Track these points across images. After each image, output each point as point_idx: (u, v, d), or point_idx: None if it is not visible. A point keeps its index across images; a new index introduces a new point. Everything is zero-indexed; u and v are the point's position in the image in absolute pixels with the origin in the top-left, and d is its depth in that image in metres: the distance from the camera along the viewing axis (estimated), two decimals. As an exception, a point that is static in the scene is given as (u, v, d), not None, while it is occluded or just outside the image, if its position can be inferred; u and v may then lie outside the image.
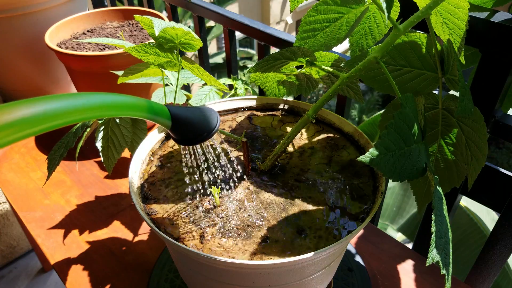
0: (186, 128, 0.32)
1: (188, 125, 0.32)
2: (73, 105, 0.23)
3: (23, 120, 0.21)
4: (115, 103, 0.26)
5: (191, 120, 0.32)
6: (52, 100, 0.22)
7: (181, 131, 0.32)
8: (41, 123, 0.22)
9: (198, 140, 0.33)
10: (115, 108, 0.26)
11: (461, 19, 0.37)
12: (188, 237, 0.37)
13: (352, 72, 0.38)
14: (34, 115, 0.21)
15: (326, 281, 0.43)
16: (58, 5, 0.82)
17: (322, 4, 0.42)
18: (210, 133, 0.33)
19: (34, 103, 0.21)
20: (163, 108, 0.30)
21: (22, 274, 1.47)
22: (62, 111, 0.23)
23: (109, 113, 0.26)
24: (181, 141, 0.33)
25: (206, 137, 0.33)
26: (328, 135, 0.49)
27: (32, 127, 0.21)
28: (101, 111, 0.25)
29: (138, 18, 0.45)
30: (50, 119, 0.22)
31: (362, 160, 0.30)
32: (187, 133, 0.32)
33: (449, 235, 0.33)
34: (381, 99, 5.06)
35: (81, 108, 0.24)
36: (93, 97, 0.25)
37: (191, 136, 0.33)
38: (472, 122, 0.39)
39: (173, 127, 0.32)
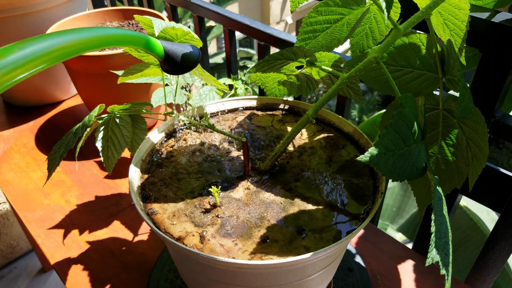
0: (174, 61, 0.38)
1: (176, 58, 0.38)
2: (78, 37, 0.26)
3: (35, 52, 0.23)
4: (117, 35, 0.30)
5: (178, 54, 0.38)
6: (60, 34, 0.25)
7: (170, 63, 0.38)
8: (54, 52, 0.24)
9: (184, 71, 0.39)
10: (117, 40, 0.30)
11: (462, 20, 0.37)
12: (188, 237, 0.37)
13: (352, 72, 0.38)
14: (46, 47, 0.24)
15: (326, 281, 0.43)
16: (58, 5, 0.82)
17: (323, 5, 0.42)
18: (195, 63, 0.39)
19: (41, 38, 0.24)
20: (158, 44, 0.36)
21: (22, 274, 1.47)
22: (71, 42, 0.26)
23: (112, 43, 0.30)
24: (171, 71, 0.39)
25: (192, 67, 0.39)
26: (328, 135, 0.49)
27: (44, 57, 0.23)
28: (105, 42, 0.29)
29: (138, 18, 0.45)
30: (58, 50, 0.24)
31: (361, 160, 0.30)
32: (175, 64, 0.38)
33: (449, 235, 0.33)
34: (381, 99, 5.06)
35: (87, 38, 0.27)
36: (98, 30, 0.28)
37: (179, 68, 0.39)
38: (472, 123, 0.39)
39: (165, 59, 0.37)
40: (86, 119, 0.49)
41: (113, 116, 0.50)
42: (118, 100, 0.59)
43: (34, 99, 0.94)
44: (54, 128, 0.89)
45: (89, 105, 0.80)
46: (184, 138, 0.49)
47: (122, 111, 0.50)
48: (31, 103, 0.95)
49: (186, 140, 0.49)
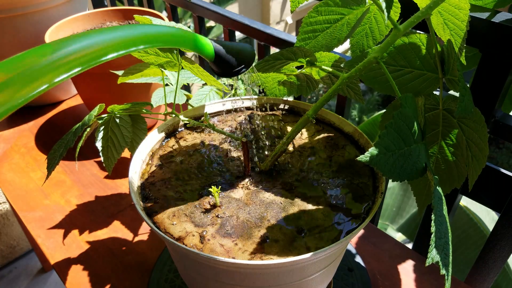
0: (226, 62, 0.35)
1: (228, 59, 0.35)
2: (128, 35, 0.24)
3: (81, 50, 0.21)
4: (164, 34, 0.28)
5: (230, 55, 0.35)
6: (111, 31, 0.23)
7: (221, 64, 0.35)
8: (101, 55, 0.22)
9: (236, 73, 0.36)
10: (164, 39, 0.28)
11: (462, 20, 0.37)
12: (188, 237, 0.37)
13: (352, 72, 0.38)
14: (94, 44, 0.22)
15: (326, 281, 0.43)
16: (58, 5, 0.82)
17: (323, 5, 0.42)
18: (247, 66, 0.36)
19: (90, 34, 0.22)
20: (208, 43, 0.33)
21: (22, 274, 1.47)
22: (114, 42, 0.23)
23: (159, 44, 0.27)
24: (220, 73, 0.36)
25: (241, 70, 0.36)
26: (328, 135, 0.49)
27: (93, 59, 0.22)
28: (151, 41, 0.26)
29: (138, 18, 0.45)
30: (100, 49, 0.23)
31: (361, 160, 0.30)
32: (226, 66, 0.35)
33: (449, 235, 0.33)
34: (381, 99, 5.06)
35: (137, 37, 0.25)
36: (149, 27, 0.26)
37: (230, 69, 0.36)
38: (472, 123, 0.39)
39: (214, 60, 0.34)
40: (86, 118, 0.49)
41: (113, 116, 0.50)
42: (118, 100, 0.59)
43: (34, 99, 0.94)
44: (54, 128, 0.89)
45: (89, 105, 0.80)
46: (184, 138, 0.49)
47: (122, 111, 0.50)
48: (31, 103, 0.95)
49: (186, 140, 0.49)
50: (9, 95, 0.18)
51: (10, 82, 0.18)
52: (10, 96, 0.18)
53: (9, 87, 0.18)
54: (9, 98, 0.18)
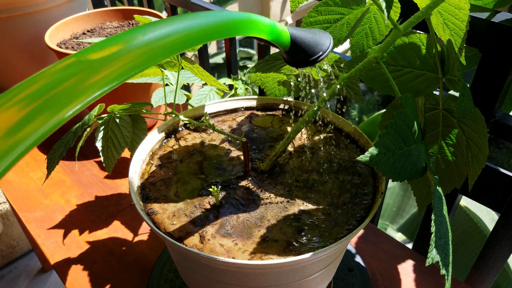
0: (302, 50, 0.32)
1: (304, 47, 0.32)
2: (195, 26, 0.22)
3: (160, 40, 0.19)
4: (240, 21, 0.25)
5: (307, 42, 0.32)
6: (172, 22, 0.21)
7: (297, 53, 0.32)
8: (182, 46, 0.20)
9: (312, 62, 0.33)
10: (239, 28, 0.25)
11: (462, 20, 0.37)
12: (188, 237, 0.37)
13: (352, 72, 0.38)
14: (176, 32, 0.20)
15: (326, 281, 0.43)
16: (58, 5, 0.82)
17: (322, 5, 0.42)
18: (324, 54, 0.33)
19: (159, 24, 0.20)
20: (285, 31, 0.30)
21: (22, 274, 1.47)
22: (184, 33, 0.21)
23: (237, 32, 0.25)
24: (295, 63, 0.33)
25: (319, 59, 0.33)
26: (328, 135, 0.49)
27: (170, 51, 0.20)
28: (229, 31, 0.24)
29: (138, 18, 0.45)
30: (169, 46, 0.21)
31: (362, 160, 0.30)
32: (301, 55, 0.32)
33: (449, 235, 0.33)
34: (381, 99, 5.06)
35: (213, 25, 0.23)
36: (221, 14, 0.24)
37: (306, 58, 0.32)
38: (472, 123, 0.39)
39: (290, 49, 0.32)
40: (86, 118, 0.49)
41: (113, 116, 0.50)
42: (118, 100, 0.59)
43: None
44: (54, 128, 0.89)
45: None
46: (184, 138, 0.49)
47: (122, 111, 0.50)
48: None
49: (186, 140, 0.49)
50: (39, 124, 0.16)
51: (38, 110, 0.17)
52: (41, 124, 0.16)
53: (39, 116, 0.16)
54: (40, 126, 0.16)
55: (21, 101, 0.16)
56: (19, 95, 0.16)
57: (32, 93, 0.17)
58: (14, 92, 0.16)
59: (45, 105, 0.17)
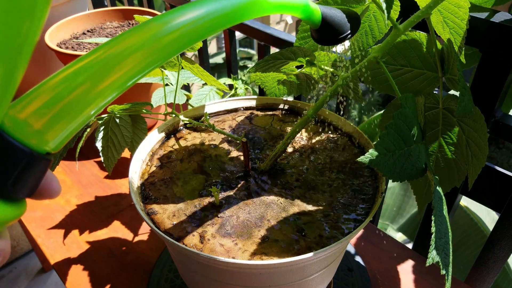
0: (333, 28, 0.32)
1: (335, 25, 0.32)
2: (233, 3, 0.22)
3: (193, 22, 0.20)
4: (275, 1, 0.26)
5: (337, 20, 0.32)
6: (200, 4, 0.21)
7: (326, 31, 0.32)
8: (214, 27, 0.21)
9: (340, 40, 0.33)
10: (275, 7, 0.26)
11: (462, 18, 0.37)
12: (188, 237, 0.37)
13: (352, 72, 0.38)
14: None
15: (326, 281, 0.43)
16: (58, 5, 0.82)
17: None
18: (352, 33, 0.33)
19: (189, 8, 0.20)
20: (317, 10, 0.31)
21: (22, 274, 1.47)
22: (219, 13, 0.22)
23: (271, 11, 0.25)
24: (324, 40, 0.34)
25: (347, 37, 0.34)
26: (328, 135, 0.49)
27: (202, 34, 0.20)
28: (264, 10, 0.25)
29: (138, 18, 0.45)
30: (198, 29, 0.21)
31: (362, 161, 0.30)
32: (332, 32, 0.33)
33: (449, 235, 0.33)
34: (381, 99, 5.06)
35: (242, 4, 0.23)
36: None
37: (336, 36, 0.33)
38: (472, 122, 0.39)
39: (320, 27, 0.32)
40: (86, 119, 0.49)
41: (113, 116, 0.50)
42: (118, 100, 0.59)
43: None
44: (54, 128, 0.89)
45: (89, 105, 0.79)
46: (184, 138, 0.49)
47: (122, 111, 0.50)
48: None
49: (186, 140, 0.49)
50: (60, 130, 0.18)
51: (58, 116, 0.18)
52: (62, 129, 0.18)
53: (59, 122, 0.18)
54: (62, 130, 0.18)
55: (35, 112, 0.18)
56: (31, 105, 0.19)
57: (44, 104, 0.19)
58: (25, 101, 0.19)
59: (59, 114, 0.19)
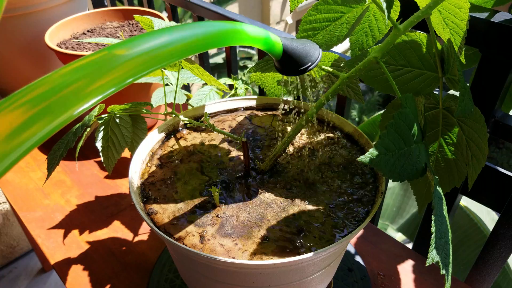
0: (293, 60, 0.34)
1: (295, 57, 0.34)
2: (197, 34, 0.23)
3: (149, 52, 0.20)
4: (236, 32, 0.26)
5: (298, 53, 0.34)
6: (171, 32, 0.22)
7: (288, 62, 0.34)
8: (168, 58, 0.21)
9: (302, 71, 0.35)
10: (236, 38, 0.27)
11: (462, 19, 0.37)
12: (188, 237, 0.37)
13: (352, 72, 0.38)
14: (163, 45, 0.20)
15: (326, 281, 0.43)
16: (58, 5, 0.82)
17: (322, 3, 0.42)
18: (313, 64, 0.35)
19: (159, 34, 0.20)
20: (278, 42, 0.32)
21: (22, 274, 1.47)
22: (181, 43, 0.22)
23: (232, 42, 0.26)
24: (286, 71, 0.35)
25: (308, 68, 0.35)
26: (328, 135, 0.49)
27: (158, 62, 0.20)
28: (225, 40, 0.25)
29: (138, 18, 0.45)
30: (178, 52, 0.21)
31: (362, 160, 0.30)
32: (292, 64, 0.34)
33: (449, 235, 0.33)
34: (381, 99, 5.06)
35: (204, 37, 0.23)
36: (218, 24, 0.25)
37: (296, 67, 0.34)
38: (472, 122, 0.39)
39: (281, 59, 0.33)
40: (86, 119, 0.49)
41: (113, 116, 0.50)
42: (118, 100, 0.59)
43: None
44: (54, 128, 0.89)
45: (89, 105, 0.79)
46: (184, 138, 0.49)
47: (122, 111, 0.50)
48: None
49: (186, 140, 0.49)
50: (40, 127, 0.17)
51: (41, 114, 0.17)
52: (41, 128, 0.17)
53: (40, 120, 0.17)
54: (40, 130, 0.17)
55: (26, 104, 0.17)
56: (24, 97, 0.17)
57: (37, 96, 0.17)
58: (19, 95, 0.17)
59: (49, 108, 0.17)
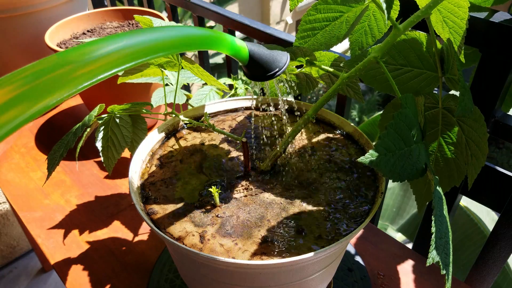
0: (260, 66, 0.34)
1: (262, 63, 0.34)
2: (164, 38, 0.24)
3: (115, 54, 0.21)
4: (204, 36, 0.27)
5: (265, 58, 0.34)
6: (137, 34, 0.22)
7: (255, 68, 0.34)
8: (135, 57, 0.22)
9: (269, 77, 0.35)
10: (204, 42, 0.28)
11: (461, 18, 0.37)
12: (188, 237, 0.37)
13: (352, 71, 0.38)
14: (129, 47, 0.21)
15: (326, 281, 0.43)
16: (58, 5, 0.82)
17: (322, 3, 0.42)
18: (280, 70, 0.35)
19: (124, 37, 0.21)
20: (244, 47, 0.32)
21: (22, 274, 1.47)
22: (150, 45, 0.23)
23: (197, 47, 0.27)
24: (253, 77, 0.35)
25: (275, 74, 0.35)
26: (328, 135, 0.49)
27: (124, 63, 0.21)
28: (190, 45, 0.26)
29: (138, 18, 0.45)
30: (141, 53, 0.22)
31: (362, 161, 0.30)
32: (259, 70, 0.34)
33: (449, 235, 0.33)
34: (381, 99, 5.06)
35: (171, 41, 0.24)
36: (183, 29, 0.26)
37: (263, 73, 0.35)
38: (472, 122, 0.39)
39: (248, 64, 0.34)
40: (86, 119, 0.49)
41: (113, 116, 0.50)
42: (118, 100, 0.59)
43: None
44: (54, 128, 0.89)
45: (89, 105, 0.80)
46: (184, 138, 0.49)
47: (122, 111, 0.50)
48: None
49: (186, 140, 0.49)
50: (20, 111, 0.18)
51: (21, 97, 0.18)
52: (21, 112, 0.18)
53: (21, 103, 0.18)
54: (20, 113, 0.18)
55: (13, 83, 0.18)
56: (10, 80, 0.18)
57: (22, 78, 0.18)
58: (5, 78, 0.18)
59: (33, 91, 0.18)
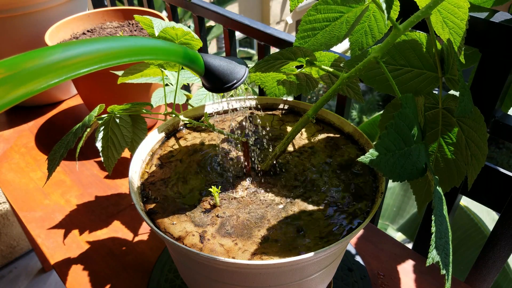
0: (217, 77, 0.34)
1: (219, 74, 0.34)
2: (113, 47, 0.24)
3: (64, 60, 0.21)
4: (154, 47, 0.28)
5: (222, 70, 0.34)
6: (93, 42, 0.23)
7: (212, 79, 0.34)
8: (83, 65, 0.22)
9: (227, 89, 0.35)
10: (154, 52, 0.28)
11: (461, 18, 0.37)
12: (188, 237, 0.37)
13: (352, 72, 0.38)
14: (74, 56, 0.22)
15: (326, 281, 0.43)
16: (58, 5, 0.82)
17: (322, 3, 0.42)
18: (238, 82, 0.35)
19: (73, 45, 0.22)
20: (198, 57, 0.32)
21: (22, 274, 1.47)
22: (103, 52, 0.24)
23: (148, 56, 0.28)
24: (211, 89, 0.35)
25: (234, 86, 0.35)
26: (328, 135, 0.49)
27: (70, 71, 0.22)
28: (141, 54, 0.27)
29: (138, 18, 0.45)
30: (90, 61, 0.23)
31: (362, 161, 0.30)
32: (217, 81, 0.34)
33: (449, 235, 0.33)
34: (381, 99, 5.06)
35: (122, 50, 0.25)
36: (135, 40, 0.26)
37: (221, 85, 0.35)
38: (472, 122, 0.39)
39: (205, 75, 0.34)
40: (86, 119, 0.49)
41: (113, 116, 0.50)
42: (118, 100, 0.59)
43: (34, 99, 0.94)
44: (54, 128, 0.89)
45: (89, 105, 0.80)
46: (184, 138, 0.49)
47: (122, 111, 0.50)
48: (31, 103, 0.95)
49: (186, 140, 0.49)
50: (5, 91, 0.19)
51: (9, 79, 0.19)
52: (6, 92, 0.19)
53: (7, 83, 0.19)
54: (5, 94, 0.19)
55: None
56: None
57: None
58: None
59: None
